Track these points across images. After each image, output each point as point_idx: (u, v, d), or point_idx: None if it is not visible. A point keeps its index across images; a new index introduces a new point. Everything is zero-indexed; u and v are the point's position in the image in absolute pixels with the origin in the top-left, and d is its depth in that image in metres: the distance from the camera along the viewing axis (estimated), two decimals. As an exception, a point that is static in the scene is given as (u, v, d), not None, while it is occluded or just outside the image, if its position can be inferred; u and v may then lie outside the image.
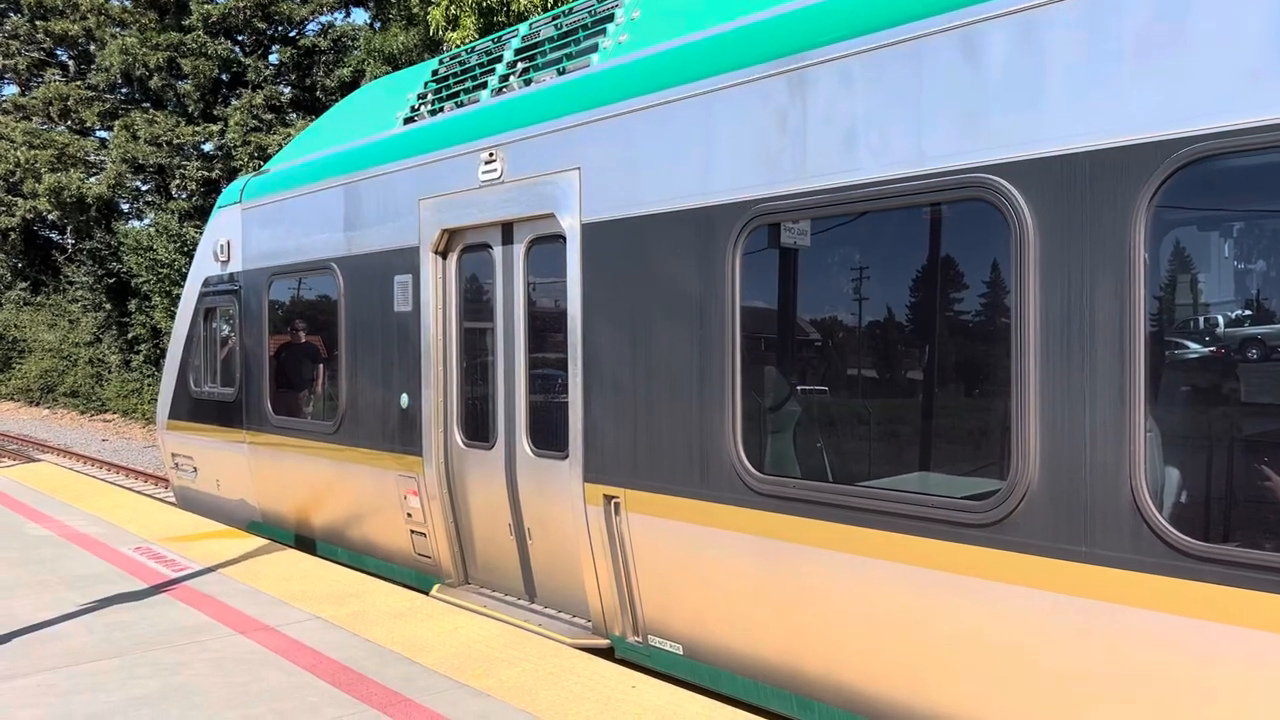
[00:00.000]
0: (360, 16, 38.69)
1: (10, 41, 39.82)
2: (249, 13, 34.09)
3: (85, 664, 5.70)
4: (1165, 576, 3.71)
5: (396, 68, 24.80)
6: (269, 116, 33.24)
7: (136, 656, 5.82)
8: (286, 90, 35.36)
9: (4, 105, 39.69)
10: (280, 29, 36.21)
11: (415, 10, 24.15)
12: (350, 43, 34.38)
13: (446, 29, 17.81)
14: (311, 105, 33.89)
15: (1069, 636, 3.99)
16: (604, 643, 6.26)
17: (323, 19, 36.11)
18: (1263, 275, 3.71)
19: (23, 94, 40.27)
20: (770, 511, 5.09)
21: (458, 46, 13.55)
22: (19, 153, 35.41)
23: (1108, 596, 3.86)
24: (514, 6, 16.53)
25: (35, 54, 40.04)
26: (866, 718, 4.81)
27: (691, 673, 5.69)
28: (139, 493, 13.17)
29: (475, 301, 7.35)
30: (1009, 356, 4.18)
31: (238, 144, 32.04)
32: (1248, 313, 3.71)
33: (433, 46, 22.67)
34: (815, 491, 4.89)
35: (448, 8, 17.61)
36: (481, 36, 16.23)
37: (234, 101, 34.18)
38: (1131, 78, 3.80)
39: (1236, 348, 3.71)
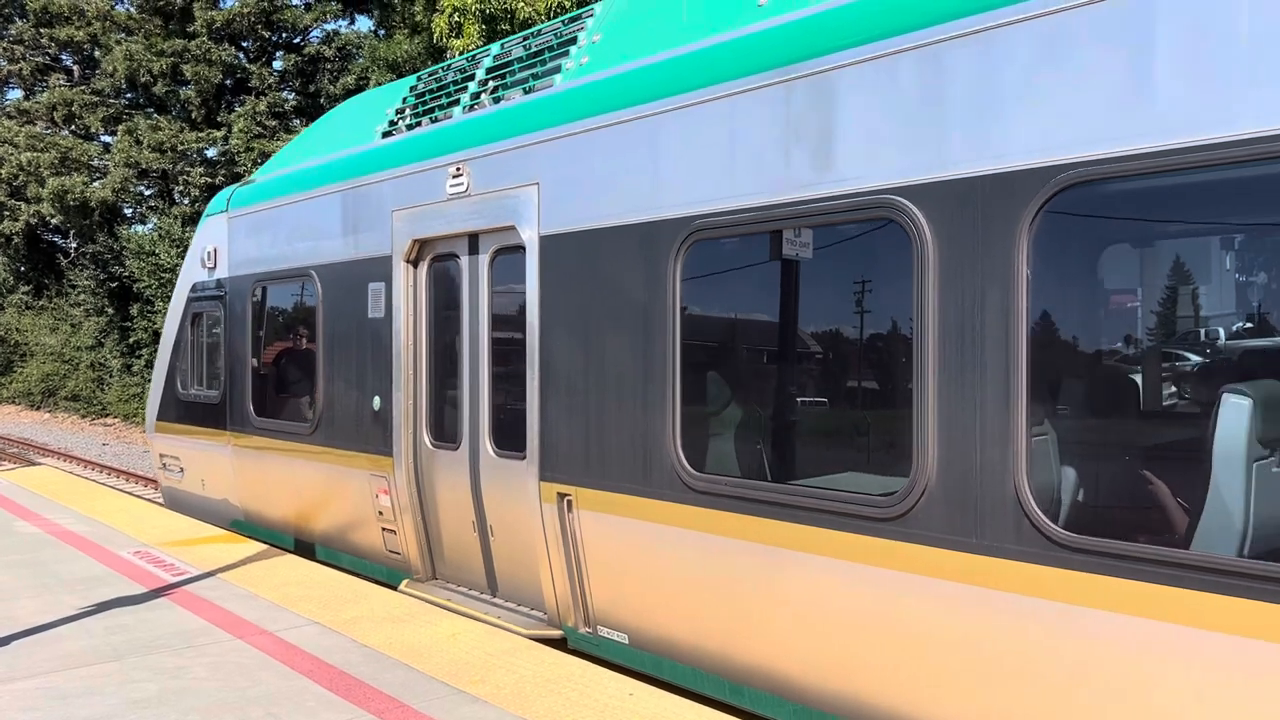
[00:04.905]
0: (364, 24, 38.84)
1: (15, 46, 39.94)
2: (253, 20, 34.18)
3: (83, 667, 5.70)
4: (1043, 566, 4.03)
5: (400, 75, 24.87)
6: (273, 123, 33.33)
7: (135, 660, 5.83)
8: (290, 97, 35.44)
9: (8, 110, 39.79)
10: (284, 36, 36.31)
11: (419, 18, 24.22)
12: (354, 50, 34.47)
13: (450, 36, 17.87)
14: (315, 112, 33.93)
15: (964, 622, 4.29)
16: (557, 633, 6.51)
17: (327, 26, 36.24)
18: (1132, 289, 4.11)
19: (27, 98, 40.36)
20: (705, 508, 5.40)
21: (460, 54, 13.59)
22: (22, 157, 35.49)
23: (996, 585, 4.18)
24: (518, 15, 16.59)
25: (40, 59, 40.16)
26: (791, 701, 5.07)
27: (637, 661, 5.96)
28: (138, 497, 13.17)
29: (443, 308, 7.64)
30: (912, 364, 4.52)
31: (241, 150, 32.11)
32: (1120, 324, 4.13)
33: (436, 54, 22.72)
34: (743, 489, 5.22)
35: (451, 15, 17.67)
36: (485, 44, 16.27)
37: (238, 108, 34.26)
38: (1016, 111, 4.16)
39: (1109, 357, 4.12)
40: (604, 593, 6.12)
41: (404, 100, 8.88)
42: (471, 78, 8.09)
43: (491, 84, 7.72)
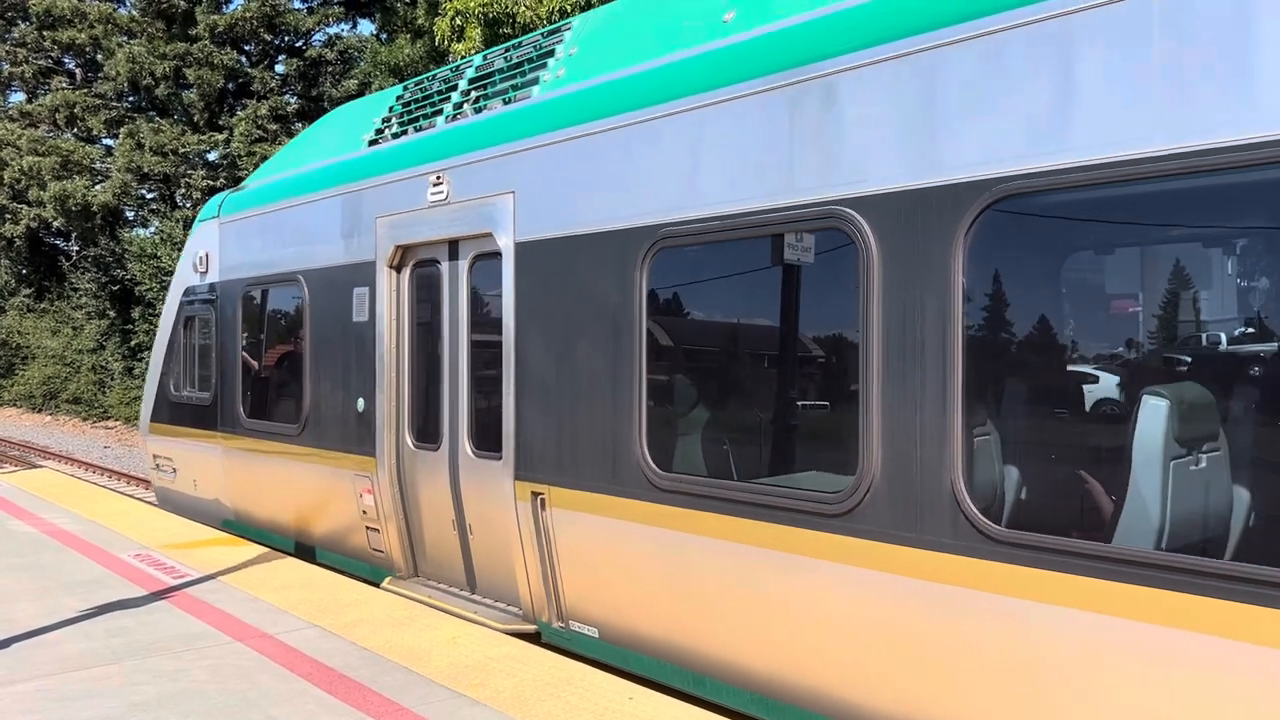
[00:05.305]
0: (367, 28, 38.87)
1: (17, 49, 39.98)
2: (255, 23, 34.22)
3: (83, 670, 5.70)
4: (978, 559, 4.24)
5: (402, 79, 24.89)
6: (274, 126, 33.35)
7: (135, 663, 5.83)
8: (292, 100, 35.47)
9: (10, 113, 39.81)
10: (286, 40, 36.35)
11: (421, 22, 24.25)
12: (356, 54, 34.50)
13: (452, 40, 17.89)
14: (316, 115, 33.92)
15: (907, 613, 4.48)
16: (532, 628, 6.69)
17: (329, 30, 36.27)
18: (1064, 296, 4.33)
19: (29, 101, 40.39)
20: (669, 506, 5.59)
21: (463, 57, 13.60)
22: (25, 161, 35.50)
23: (935, 577, 4.38)
24: (519, 18, 16.61)
25: (42, 61, 40.20)
26: (749, 691, 5.24)
27: (606, 654, 6.14)
28: (139, 499, 13.17)
29: (424, 312, 7.81)
30: (859, 367, 4.73)
31: (243, 153, 32.14)
32: (1052, 329, 4.28)
33: (438, 58, 22.74)
34: (706, 487, 5.41)
35: (453, 19, 17.69)
36: (487, 47, 16.30)
37: (240, 111, 34.28)
38: (954, 128, 4.38)
39: (1042, 361, 4.27)
40: (575, 589, 6.28)
41: (390, 109, 9.07)
42: (455, 88, 8.27)
43: (474, 94, 7.90)
